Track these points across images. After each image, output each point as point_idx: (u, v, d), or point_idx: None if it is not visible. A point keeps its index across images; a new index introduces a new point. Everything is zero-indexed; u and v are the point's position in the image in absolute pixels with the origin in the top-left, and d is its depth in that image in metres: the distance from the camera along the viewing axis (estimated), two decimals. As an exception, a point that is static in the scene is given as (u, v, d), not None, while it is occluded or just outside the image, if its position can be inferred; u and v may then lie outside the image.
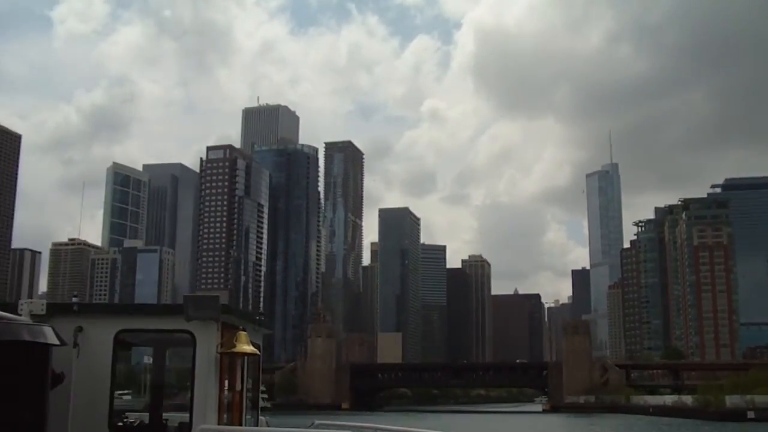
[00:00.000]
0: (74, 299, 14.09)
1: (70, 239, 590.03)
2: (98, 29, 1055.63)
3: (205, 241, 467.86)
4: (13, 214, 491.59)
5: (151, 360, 15.73)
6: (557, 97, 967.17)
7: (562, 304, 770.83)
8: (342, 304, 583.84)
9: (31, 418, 10.66)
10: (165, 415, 14.72)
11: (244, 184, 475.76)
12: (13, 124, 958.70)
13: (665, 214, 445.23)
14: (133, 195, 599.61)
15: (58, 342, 11.06)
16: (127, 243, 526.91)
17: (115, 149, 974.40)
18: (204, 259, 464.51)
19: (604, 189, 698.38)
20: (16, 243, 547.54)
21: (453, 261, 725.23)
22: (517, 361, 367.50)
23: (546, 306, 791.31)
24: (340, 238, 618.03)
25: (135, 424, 14.32)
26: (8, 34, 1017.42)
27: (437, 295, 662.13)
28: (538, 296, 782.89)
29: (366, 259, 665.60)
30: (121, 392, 21.96)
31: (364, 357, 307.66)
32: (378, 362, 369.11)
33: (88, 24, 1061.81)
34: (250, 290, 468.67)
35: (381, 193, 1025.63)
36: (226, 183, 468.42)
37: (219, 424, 13.23)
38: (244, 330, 13.59)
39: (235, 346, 13.23)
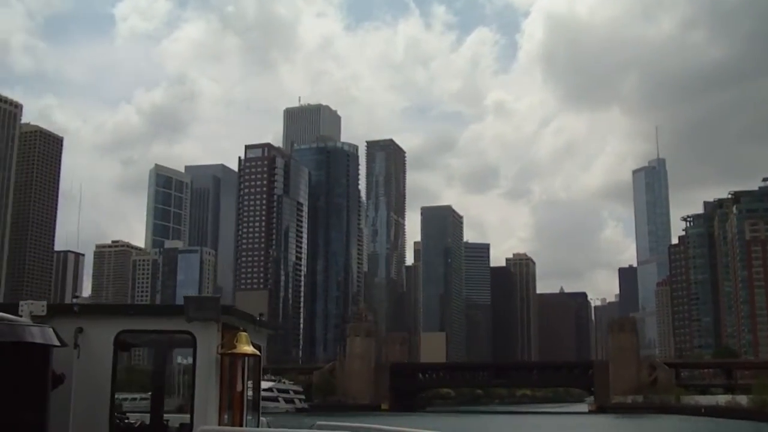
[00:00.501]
0: (74, 300, 13.00)
1: (113, 241, 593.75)
2: (160, 27, 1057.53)
3: (245, 240, 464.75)
4: (55, 217, 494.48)
5: (188, 360, 14.45)
6: (624, 88, 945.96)
7: (610, 303, 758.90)
8: (385, 304, 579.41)
9: (32, 418, 10.76)
10: (166, 415, 14.48)
11: (282, 182, 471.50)
12: (77, 127, 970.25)
13: (715, 208, 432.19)
14: (176, 197, 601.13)
15: (58, 343, 11.19)
16: (168, 244, 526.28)
17: (174, 149, 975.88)
18: (244, 258, 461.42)
19: (651, 185, 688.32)
20: (70, 244, 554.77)
21: (504, 259, 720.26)
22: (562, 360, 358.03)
23: (593, 304, 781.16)
24: (383, 237, 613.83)
25: (136, 425, 14.15)
26: (72, 33, 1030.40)
27: (481, 294, 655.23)
28: (584, 295, 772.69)
29: (409, 259, 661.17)
30: (136, 396, 22.45)
31: (405, 357, 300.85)
32: (420, 362, 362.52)
33: (151, 22, 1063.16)
34: (290, 290, 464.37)
35: (441, 189, 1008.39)
36: (265, 182, 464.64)
37: (219, 424, 13.10)
38: (244, 331, 13.45)
39: (235, 347, 13.10)
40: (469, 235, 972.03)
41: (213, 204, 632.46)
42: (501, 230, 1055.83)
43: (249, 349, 13.36)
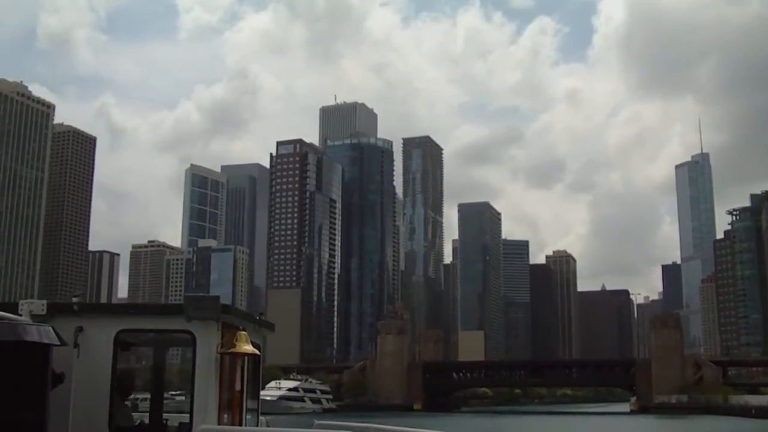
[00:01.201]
0: (74, 299, 13.88)
1: (149, 241, 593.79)
2: (224, 18, 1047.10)
3: (277, 238, 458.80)
4: (89, 217, 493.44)
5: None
6: (701, 74, 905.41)
7: (653, 300, 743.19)
8: (424, 303, 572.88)
9: (31, 418, 10.81)
10: (165, 415, 14.57)
11: (315, 179, 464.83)
12: (135, 125, 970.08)
13: (762, 200, 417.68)
14: (212, 196, 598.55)
15: (58, 342, 11.20)
16: (202, 243, 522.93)
17: (235, 145, 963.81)
18: (276, 256, 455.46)
19: (694, 180, 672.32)
20: (111, 244, 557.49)
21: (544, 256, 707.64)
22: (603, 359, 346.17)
23: (635, 302, 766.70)
24: (420, 235, 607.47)
25: (135, 425, 14.16)
26: (135, 27, 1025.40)
27: (520, 292, 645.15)
28: (626, 292, 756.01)
29: (448, 257, 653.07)
30: (174, 393, 22.74)
31: (439, 355, 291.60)
32: (454, 361, 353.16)
33: (215, 14, 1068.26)
34: (323, 288, 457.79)
35: (504, 184, 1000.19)
36: (297, 178, 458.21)
37: (219, 424, 13.06)
38: (244, 330, 13.40)
39: (235, 347, 13.05)
40: (522, 232, 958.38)
41: (249, 203, 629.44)
42: (556, 226, 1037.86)
43: (249, 348, 13.18)
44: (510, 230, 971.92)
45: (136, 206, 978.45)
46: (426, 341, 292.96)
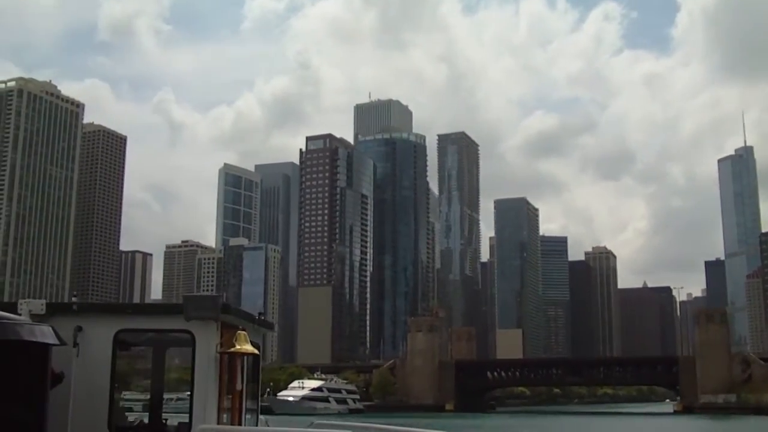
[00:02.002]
0: (74, 299, 14.19)
1: (183, 241, 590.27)
2: (291, 5, 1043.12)
3: (307, 235, 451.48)
4: (120, 217, 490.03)
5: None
6: None
7: (696, 298, 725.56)
8: (460, 302, 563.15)
9: (31, 417, 10.80)
10: (164, 415, 14.51)
11: (345, 174, 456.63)
12: (195, 121, 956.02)
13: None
14: (246, 196, 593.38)
15: (57, 342, 11.16)
16: (233, 242, 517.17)
17: (297, 141, 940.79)
18: (306, 254, 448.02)
19: (738, 174, 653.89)
20: (148, 244, 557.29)
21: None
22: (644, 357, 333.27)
23: (678, 300, 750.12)
24: (456, 233, 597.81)
25: (135, 424, 14.20)
26: (200, 17, 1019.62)
27: (559, 289, 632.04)
28: (668, 289, 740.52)
29: (485, 255, 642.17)
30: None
31: (472, 353, 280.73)
32: (488, 359, 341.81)
33: (281, 1, 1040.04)
34: (355, 286, 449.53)
35: (575, 175, 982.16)
36: (327, 174, 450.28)
37: (218, 424, 13.15)
38: (243, 330, 13.42)
39: (234, 346, 13.13)
40: (575, 229, 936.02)
41: (283, 202, 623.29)
42: (614, 221, 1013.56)
43: (248, 348, 13.22)
44: (564, 226, 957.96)
45: (188, 205, 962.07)
46: (458, 339, 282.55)
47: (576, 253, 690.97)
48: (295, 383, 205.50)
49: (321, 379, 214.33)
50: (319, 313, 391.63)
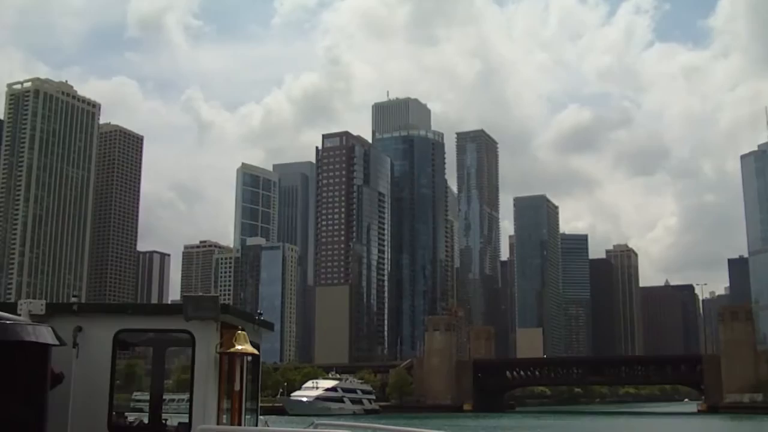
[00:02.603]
0: (74, 299, 14.14)
1: (201, 241, 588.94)
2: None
3: (324, 233, 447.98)
4: (137, 217, 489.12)
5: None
6: None
7: (719, 296, 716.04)
8: (480, 301, 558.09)
9: (31, 417, 10.86)
10: (164, 415, 14.46)
11: (362, 172, 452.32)
12: (223, 119, 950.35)
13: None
14: (264, 195, 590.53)
15: (57, 342, 11.26)
16: (250, 241, 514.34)
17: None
18: (323, 252, 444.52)
19: (762, 170, 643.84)
20: (166, 244, 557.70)
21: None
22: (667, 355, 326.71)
23: (701, 298, 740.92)
24: (476, 231, 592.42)
25: (134, 424, 14.22)
26: (231, 13, 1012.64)
27: (580, 288, 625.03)
28: (691, 287, 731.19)
29: (504, 253, 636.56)
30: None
31: (491, 352, 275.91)
32: (507, 358, 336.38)
33: None
34: (373, 284, 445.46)
35: (608, 171, 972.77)
36: (344, 171, 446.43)
37: (218, 424, 13.18)
38: (243, 330, 13.43)
39: (234, 346, 13.16)
40: (602, 226, 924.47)
41: (301, 201, 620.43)
42: (644, 218, 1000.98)
43: (248, 348, 13.20)
44: (592, 224, 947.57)
45: (213, 205, 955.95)
46: (477, 338, 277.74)
47: (601, 252, 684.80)
48: (309, 383, 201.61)
49: (336, 379, 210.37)
50: (337, 312, 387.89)
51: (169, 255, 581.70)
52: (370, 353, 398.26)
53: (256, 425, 15.04)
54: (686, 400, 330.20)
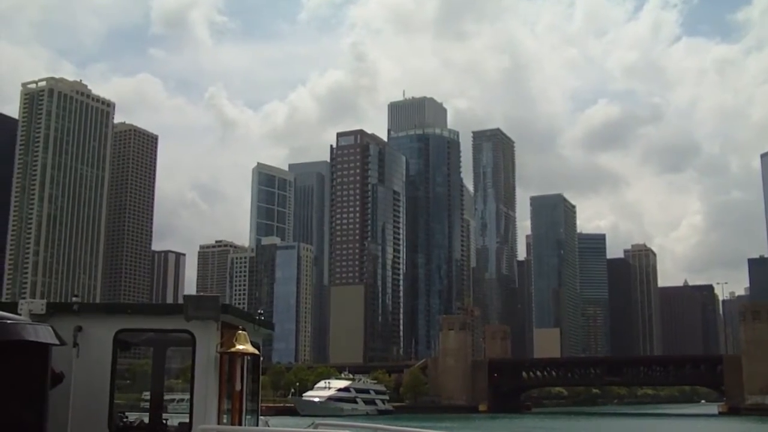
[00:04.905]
0: (74, 299, 14.04)
1: (217, 241, 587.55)
2: None
3: (339, 232, 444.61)
4: (152, 217, 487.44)
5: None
6: None
7: (738, 296, 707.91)
8: (497, 301, 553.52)
9: (31, 417, 10.84)
10: (165, 415, 14.61)
11: (377, 171, 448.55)
12: (247, 117, 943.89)
13: None
14: (280, 195, 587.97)
15: (57, 342, 11.21)
16: (265, 241, 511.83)
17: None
18: (338, 252, 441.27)
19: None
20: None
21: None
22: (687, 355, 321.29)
23: (720, 298, 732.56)
24: (492, 231, 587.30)
25: (135, 424, 14.20)
26: (256, 9, 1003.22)
27: (598, 287, 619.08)
28: (710, 287, 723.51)
29: (521, 253, 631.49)
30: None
31: (507, 352, 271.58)
32: (523, 358, 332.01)
33: None
34: (389, 284, 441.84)
35: (635, 169, 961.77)
36: (358, 170, 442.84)
37: (219, 424, 13.16)
38: (243, 330, 13.44)
39: (234, 346, 13.13)
40: (625, 225, 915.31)
41: (317, 201, 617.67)
42: (668, 216, 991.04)
43: (249, 348, 13.19)
44: (615, 223, 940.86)
45: (234, 204, 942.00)
46: (493, 338, 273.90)
47: (619, 252, 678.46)
48: (322, 383, 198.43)
49: (349, 379, 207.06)
50: (352, 312, 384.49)
51: (184, 255, 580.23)
52: (385, 353, 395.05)
53: (257, 425, 14.87)
54: (703, 401, 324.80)
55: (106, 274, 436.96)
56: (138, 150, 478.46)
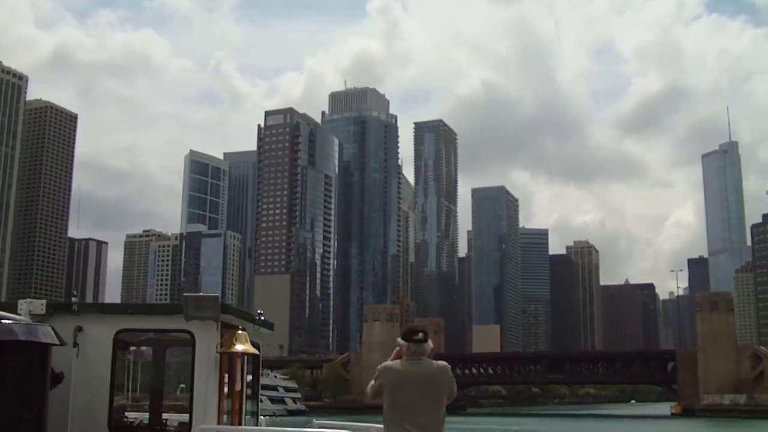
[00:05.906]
0: (74, 298, 14.99)
1: (145, 230, 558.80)
2: None
3: (264, 218, 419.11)
4: (69, 202, 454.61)
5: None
6: None
7: (678, 296, 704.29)
8: (436, 296, 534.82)
9: (30, 417, 10.96)
10: (164, 415, 14.54)
11: (307, 152, 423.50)
12: (257, 89, 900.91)
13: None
14: (213, 184, 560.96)
15: (57, 342, 11.35)
16: (190, 228, 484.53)
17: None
18: (263, 239, 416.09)
19: (722, 169, 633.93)
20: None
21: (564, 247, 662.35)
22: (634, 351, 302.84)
23: (660, 298, 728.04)
24: (433, 225, 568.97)
25: (134, 424, 14.26)
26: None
27: (539, 284, 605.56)
28: (651, 286, 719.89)
29: (462, 249, 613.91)
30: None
31: (440, 347, 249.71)
32: (455, 353, 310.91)
33: None
34: (317, 274, 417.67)
35: (650, 154, 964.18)
36: (287, 151, 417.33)
37: (218, 424, 13.19)
38: (243, 330, 13.51)
39: (234, 346, 13.15)
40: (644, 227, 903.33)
41: (252, 191, 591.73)
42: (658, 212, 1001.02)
43: (248, 348, 13.23)
44: (601, 217, 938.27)
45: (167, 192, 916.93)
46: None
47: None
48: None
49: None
50: (277, 303, 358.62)
51: (106, 243, 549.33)
52: (314, 348, 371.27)
53: (257, 425, 14.59)
54: (633, 401, 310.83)
55: (14, 263, 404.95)
56: (54, 128, 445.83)
